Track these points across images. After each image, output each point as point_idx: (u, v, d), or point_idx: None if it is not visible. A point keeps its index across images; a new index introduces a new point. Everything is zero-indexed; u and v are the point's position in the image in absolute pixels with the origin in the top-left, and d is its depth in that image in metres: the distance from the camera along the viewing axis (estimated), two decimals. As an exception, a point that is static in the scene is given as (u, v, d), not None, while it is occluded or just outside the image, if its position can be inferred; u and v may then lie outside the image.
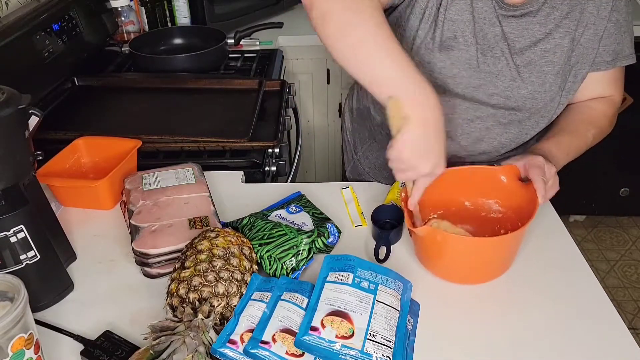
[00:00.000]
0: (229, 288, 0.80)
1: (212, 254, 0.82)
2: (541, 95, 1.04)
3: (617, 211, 2.60)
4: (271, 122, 1.42)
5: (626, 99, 2.20)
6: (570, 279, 0.92)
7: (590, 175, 2.40)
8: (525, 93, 1.04)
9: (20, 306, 0.69)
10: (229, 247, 0.85)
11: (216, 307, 0.78)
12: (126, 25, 1.93)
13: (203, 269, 0.81)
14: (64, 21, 1.57)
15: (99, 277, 0.95)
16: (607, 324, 0.84)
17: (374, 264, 0.85)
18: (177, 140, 1.30)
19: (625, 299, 2.25)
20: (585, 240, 2.54)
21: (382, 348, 0.73)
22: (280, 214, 1.00)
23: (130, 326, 0.84)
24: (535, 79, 1.03)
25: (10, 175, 0.81)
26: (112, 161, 1.14)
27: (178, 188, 1.04)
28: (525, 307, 0.87)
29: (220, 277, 0.80)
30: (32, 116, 0.89)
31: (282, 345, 0.74)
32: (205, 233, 0.87)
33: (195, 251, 0.84)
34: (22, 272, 0.82)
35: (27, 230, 0.82)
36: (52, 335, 0.83)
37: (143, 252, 0.91)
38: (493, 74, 1.03)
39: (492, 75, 1.03)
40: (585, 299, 0.89)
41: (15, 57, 1.34)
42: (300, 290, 0.82)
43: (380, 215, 1.02)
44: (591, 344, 0.81)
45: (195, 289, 0.79)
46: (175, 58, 1.68)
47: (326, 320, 0.75)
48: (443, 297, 0.89)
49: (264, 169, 1.28)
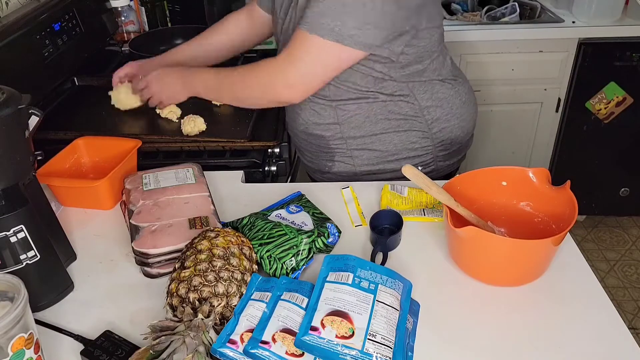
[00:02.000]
0: (229, 288, 0.80)
1: (212, 254, 0.82)
2: None
3: (617, 211, 2.60)
4: (271, 122, 1.42)
5: (626, 99, 2.20)
6: (570, 279, 0.92)
7: (590, 175, 2.41)
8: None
9: (20, 306, 0.69)
10: (229, 247, 0.85)
11: (216, 307, 0.78)
12: (126, 25, 1.93)
13: (203, 268, 0.81)
14: (64, 21, 1.57)
15: (99, 277, 0.95)
16: (607, 324, 0.84)
17: (374, 264, 0.85)
18: (177, 140, 1.30)
19: (625, 299, 2.25)
20: (585, 240, 2.54)
21: (382, 348, 0.73)
22: (280, 214, 1.00)
23: (130, 326, 0.84)
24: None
25: (10, 175, 0.81)
26: (112, 161, 1.14)
27: (178, 188, 1.04)
28: (525, 307, 0.87)
29: (220, 277, 0.80)
30: (32, 116, 0.89)
31: (282, 345, 0.74)
32: (205, 233, 0.87)
33: (195, 251, 0.84)
34: (22, 272, 0.82)
35: (27, 230, 0.82)
36: (52, 335, 0.84)
37: (143, 252, 0.91)
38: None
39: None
40: (585, 299, 0.89)
41: (15, 57, 1.34)
42: (300, 290, 0.82)
43: (379, 221, 1.02)
44: (591, 344, 0.81)
45: (195, 289, 0.79)
46: (175, 58, 1.68)
47: (326, 320, 0.75)
48: (443, 297, 0.89)
49: (264, 169, 1.28)
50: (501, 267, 0.90)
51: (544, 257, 0.90)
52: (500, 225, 1.01)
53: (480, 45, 2.11)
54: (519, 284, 0.91)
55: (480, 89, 2.17)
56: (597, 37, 2.10)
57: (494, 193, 1.01)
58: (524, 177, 0.99)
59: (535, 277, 0.91)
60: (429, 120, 1.23)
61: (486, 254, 0.89)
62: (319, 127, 1.26)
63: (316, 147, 1.31)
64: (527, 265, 0.90)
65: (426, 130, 1.24)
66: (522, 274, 0.91)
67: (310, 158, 1.36)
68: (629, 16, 2.16)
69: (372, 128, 1.23)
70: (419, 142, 1.24)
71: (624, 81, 2.17)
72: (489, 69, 2.16)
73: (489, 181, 1.01)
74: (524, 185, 0.99)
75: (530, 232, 0.96)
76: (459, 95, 1.27)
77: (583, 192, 2.43)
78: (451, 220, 0.87)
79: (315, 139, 1.29)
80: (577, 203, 0.90)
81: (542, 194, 0.97)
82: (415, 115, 1.22)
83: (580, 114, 2.25)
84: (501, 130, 2.30)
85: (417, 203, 1.09)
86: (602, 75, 2.17)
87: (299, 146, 1.38)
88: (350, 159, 1.28)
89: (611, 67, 2.14)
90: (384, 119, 1.22)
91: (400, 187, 1.11)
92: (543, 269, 0.91)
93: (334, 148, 1.27)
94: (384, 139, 1.23)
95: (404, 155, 1.25)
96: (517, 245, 0.86)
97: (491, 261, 0.90)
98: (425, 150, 1.26)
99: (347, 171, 1.30)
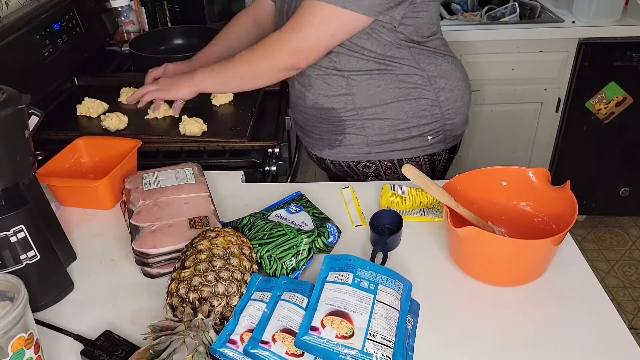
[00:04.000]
0: (229, 288, 0.80)
1: (212, 254, 0.82)
2: None
3: (617, 211, 2.60)
4: (271, 122, 1.42)
5: (626, 99, 2.20)
6: (570, 279, 0.92)
7: (590, 175, 2.41)
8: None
9: (21, 306, 0.69)
10: (229, 246, 0.85)
11: (216, 306, 0.78)
12: (126, 25, 1.93)
13: (203, 268, 0.81)
14: (64, 21, 1.57)
15: (99, 277, 0.95)
16: (607, 324, 0.84)
17: (374, 264, 0.85)
18: (177, 140, 1.30)
19: (625, 299, 2.25)
20: (585, 240, 2.54)
21: (382, 348, 0.73)
22: (280, 214, 1.00)
23: (130, 326, 0.84)
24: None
25: (10, 175, 0.81)
26: (112, 161, 1.14)
27: (178, 188, 1.04)
28: (525, 307, 0.87)
29: (220, 277, 0.80)
30: (32, 116, 0.89)
31: (282, 345, 0.74)
32: (205, 233, 0.87)
33: (195, 251, 0.84)
34: (22, 271, 0.82)
35: (27, 230, 0.83)
36: (52, 335, 0.84)
37: (143, 252, 0.91)
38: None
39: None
40: (585, 299, 0.89)
41: (15, 57, 1.34)
42: (300, 290, 0.82)
43: (379, 220, 1.02)
44: (591, 344, 0.81)
45: (195, 289, 0.79)
46: (175, 58, 1.68)
47: (326, 320, 0.75)
48: (443, 297, 0.89)
49: (264, 169, 1.28)
50: (501, 267, 0.90)
51: (544, 257, 0.90)
52: (500, 225, 1.01)
53: (480, 45, 2.11)
54: (519, 284, 0.91)
55: (480, 89, 2.17)
56: (597, 37, 2.10)
57: (494, 193, 1.01)
58: (524, 177, 0.99)
59: (535, 277, 0.91)
60: (436, 89, 1.27)
61: (486, 254, 0.89)
62: (330, 100, 1.28)
63: (326, 121, 1.32)
64: (527, 266, 0.90)
65: (434, 99, 1.27)
66: (522, 274, 0.91)
67: (319, 134, 1.36)
68: (629, 16, 2.16)
69: (383, 97, 1.26)
70: (429, 109, 1.28)
71: (624, 81, 2.17)
72: (489, 69, 2.16)
73: (489, 181, 1.01)
74: (524, 185, 0.99)
75: (531, 232, 0.96)
76: (459, 69, 1.34)
77: (583, 192, 2.44)
78: (451, 220, 0.87)
79: (325, 113, 1.31)
80: (577, 203, 0.90)
81: (542, 194, 0.97)
82: (424, 84, 1.26)
83: (580, 114, 2.25)
84: (501, 130, 2.30)
85: (417, 203, 1.09)
86: (602, 75, 2.17)
87: (306, 125, 1.39)
88: (362, 130, 1.30)
89: (611, 67, 2.14)
90: (395, 87, 1.25)
91: (400, 187, 1.12)
92: (543, 269, 0.91)
93: (345, 120, 1.29)
94: (395, 107, 1.27)
95: (414, 124, 1.28)
96: (517, 245, 0.86)
97: (491, 261, 0.90)
98: (434, 118, 1.29)
99: (359, 142, 1.32)
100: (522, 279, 0.91)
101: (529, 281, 0.91)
